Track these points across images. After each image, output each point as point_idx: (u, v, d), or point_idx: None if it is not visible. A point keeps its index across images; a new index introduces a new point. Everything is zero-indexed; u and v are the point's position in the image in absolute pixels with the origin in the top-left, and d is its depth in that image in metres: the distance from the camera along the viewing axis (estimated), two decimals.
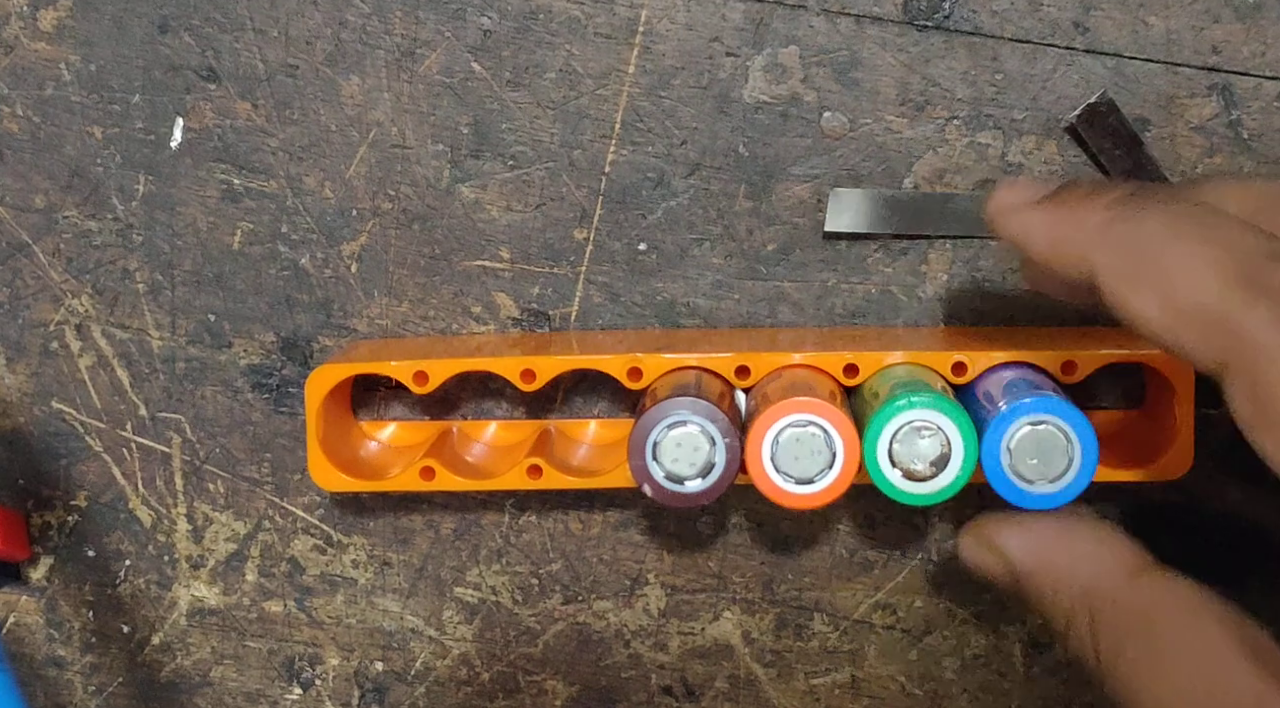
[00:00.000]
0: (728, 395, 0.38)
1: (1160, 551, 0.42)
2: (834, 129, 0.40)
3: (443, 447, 0.41)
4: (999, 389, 0.36)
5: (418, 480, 0.39)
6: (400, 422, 0.43)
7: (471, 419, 0.42)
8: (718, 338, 0.40)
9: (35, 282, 0.43)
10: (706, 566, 0.43)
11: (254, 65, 0.41)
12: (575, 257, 0.41)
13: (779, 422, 0.36)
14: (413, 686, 0.44)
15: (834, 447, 0.36)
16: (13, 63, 0.41)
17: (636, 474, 0.36)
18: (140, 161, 0.42)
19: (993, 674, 0.43)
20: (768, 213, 0.41)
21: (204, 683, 0.44)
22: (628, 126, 0.40)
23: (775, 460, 0.36)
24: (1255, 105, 0.39)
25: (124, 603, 0.44)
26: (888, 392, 0.36)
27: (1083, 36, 0.39)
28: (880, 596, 0.42)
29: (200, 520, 0.44)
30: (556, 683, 0.44)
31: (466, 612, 0.43)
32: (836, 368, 0.38)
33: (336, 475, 0.39)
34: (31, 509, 0.44)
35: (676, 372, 0.38)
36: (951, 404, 0.35)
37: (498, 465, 0.40)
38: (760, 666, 0.43)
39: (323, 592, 0.44)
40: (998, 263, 0.40)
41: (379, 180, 0.41)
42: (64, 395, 0.43)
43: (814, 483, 0.36)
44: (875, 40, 0.40)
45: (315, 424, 0.39)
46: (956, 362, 0.37)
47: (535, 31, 0.40)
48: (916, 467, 0.36)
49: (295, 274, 0.42)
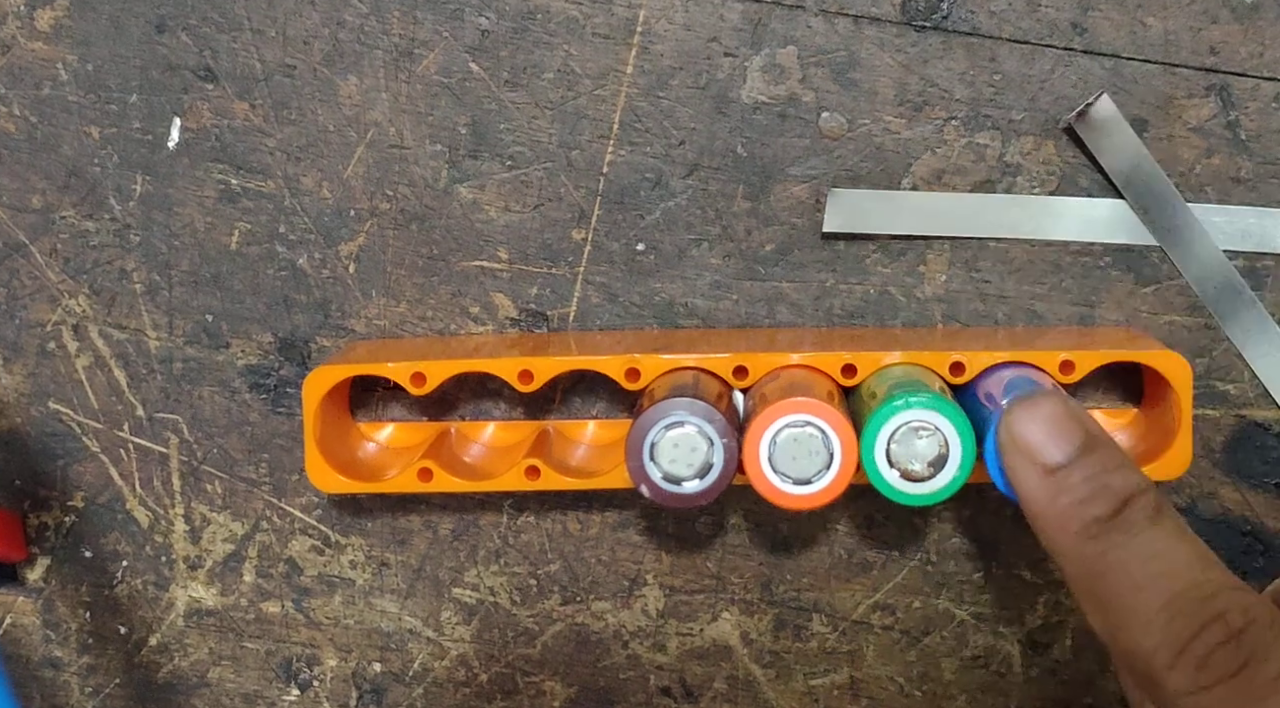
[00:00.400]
0: (726, 396, 0.38)
1: None
2: (832, 129, 0.40)
3: (441, 448, 0.40)
4: (999, 388, 0.36)
5: (415, 482, 0.39)
6: (398, 422, 0.42)
7: (470, 420, 0.42)
8: (716, 338, 0.40)
9: (32, 282, 0.42)
10: (705, 566, 0.43)
11: (251, 65, 0.41)
12: (573, 257, 0.41)
13: (776, 422, 0.36)
14: (411, 687, 0.44)
15: (831, 447, 0.36)
16: (10, 62, 0.41)
17: (634, 475, 0.36)
18: (137, 161, 0.42)
19: (991, 675, 0.43)
20: (766, 213, 0.41)
21: (201, 684, 0.44)
22: (626, 127, 0.40)
23: (773, 461, 0.36)
24: (1253, 106, 0.39)
25: (121, 604, 0.44)
26: (885, 392, 0.36)
27: (1081, 37, 0.39)
28: (879, 596, 0.42)
29: (198, 521, 0.43)
30: (555, 684, 0.44)
31: (465, 613, 0.43)
32: (834, 368, 0.38)
33: (334, 477, 0.39)
34: (28, 510, 0.44)
35: (674, 372, 0.38)
36: (949, 404, 0.35)
37: (496, 466, 0.40)
38: (759, 666, 0.43)
39: (320, 593, 0.44)
40: (995, 264, 0.40)
41: (377, 181, 0.41)
42: (61, 396, 0.43)
43: (811, 484, 0.36)
44: (873, 41, 0.40)
45: (313, 426, 0.39)
46: (955, 362, 0.37)
47: (533, 32, 0.40)
48: (914, 467, 0.36)
49: (293, 274, 0.42)
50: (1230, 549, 0.41)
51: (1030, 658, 0.42)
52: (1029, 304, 0.41)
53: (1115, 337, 0.39)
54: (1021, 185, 0.40)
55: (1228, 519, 0.41)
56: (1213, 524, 0.41)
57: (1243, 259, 0.40)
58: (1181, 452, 0.38)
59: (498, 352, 0.39)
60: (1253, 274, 0.40)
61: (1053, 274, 0.40)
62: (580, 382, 0.42)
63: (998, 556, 0.42)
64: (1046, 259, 0.40)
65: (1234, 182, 0.40)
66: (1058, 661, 0.42)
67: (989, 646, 0.42)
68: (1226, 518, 0.41)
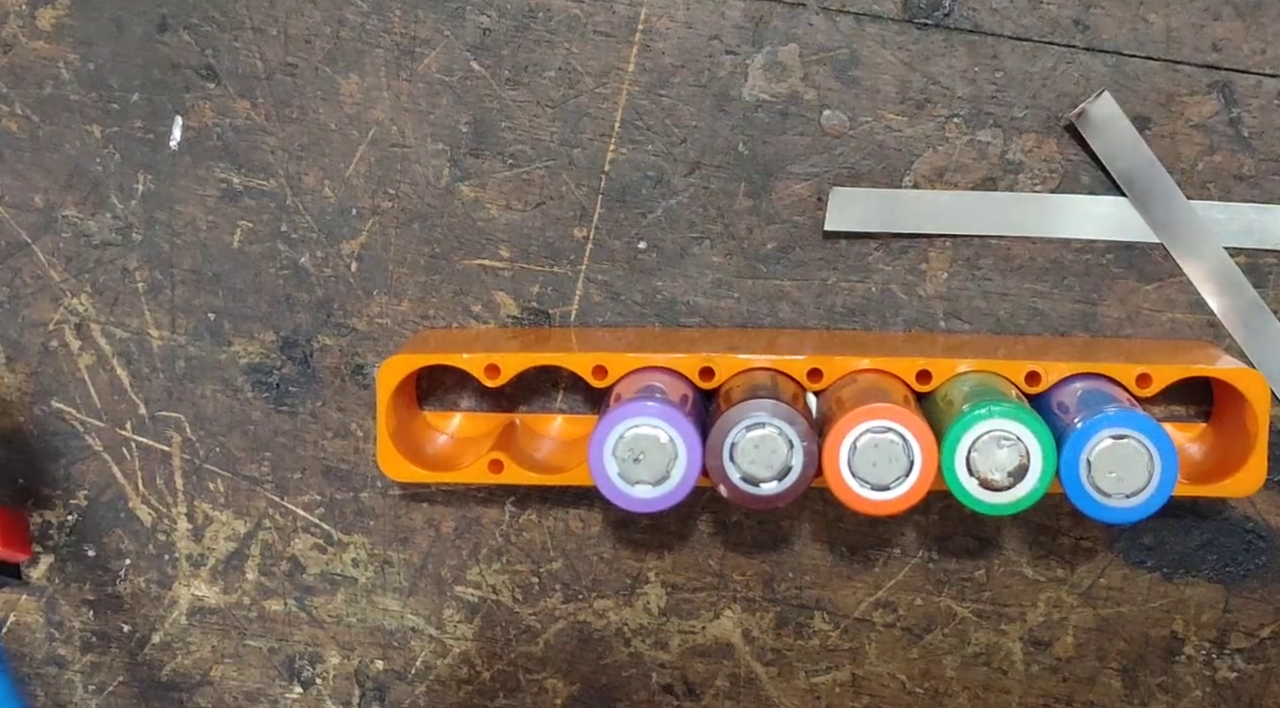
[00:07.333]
0: (800, 398, 0.37)
1: (1162, 550, 0.42)
2: (834, 127, 0.40)
3: (509, 440, 0.40)
4: (1073, 400, 0.36)
5: (486, 473, 0.39)
6: (467, 413, 0.42)
7: (531, 411, 0.42)
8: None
9: (35, 281, 0.42)
10: (707, 564, 0.43)
11: (253, 64, 0.41)
12: (575, 255, 0.41)
13: (858, 427, 0.36)
14: (413, 684, 0.44)
15: (911, 454, 0.36)
16: (11, 62, 0.41)
17: (713, 475, 0.36)
18: (140, 160, 0.42)
19: (993, 672, 0.43)
20: (767, 211, 0.41)
21: (204, 682, 0.44)
22: (627, 125, 0.40)
23: (852, 466, 0.36)
24: (1255, 103, 0.39)
25: (124, 602, 0.44)
26: (964, 399, 0.36)
27: (1082, 34, 0.39)
28: (881, 594, 0.42)
29: (200, 519, 0.43)
30: (557, 682, 0.44)
31: (467, 610, 0.43)
32: (909, 373, 0.38)
33: (406, 466, 0.39)
34: (31, 508, 0.44)
35: (749, 372, 0.38)
36: (1031, 415, 0.35)
37: (565, 460, 0.40)
38: (761, 664, 0.43)
39: (323, 591, 0.44)
40: (997, 261, 0.40)
41: (379, 179, 0.41)
42: (64, 395, 0.43)
43: (890, 490, 0.36)
44: (875, 38, 0.40)
45: (385, 415, 0.39)
46: (1031, 371, 0.37)
47: (534, 30, 0.40)
48: (994, 476, 0.35)
49: (295, 273, 0.42)
50: (1231, 547, 0.41)
51: (1032, 656, 0.42)
52: (1031, 302, 0.41)
53: (1187, 350, 0.39)
54: (1023, 183, 0.40)
55: (1229, 517, 0.41)
56: (1214, 522, 0.41)
57: (1245, 256, 0.40)
58: (1255, 470, 0.37)
59: (565, 345, 0.39)
60: (1255, 271, 0.40)
61: (1055, 272, 0.40)
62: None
63: (999, 553, 0.42)
64: (1048, 257, 0.40)
65: (1236, 178, 0.40)
66: (1059, 658, 0.42)
67: (991, 643, 0.42)
68: (1227, 516, 0.41)
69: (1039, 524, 0.41)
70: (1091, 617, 0.42)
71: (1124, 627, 0.42)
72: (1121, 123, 0.39)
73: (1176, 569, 0.41)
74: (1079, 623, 0.42)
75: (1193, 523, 0.41)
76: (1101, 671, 0.42)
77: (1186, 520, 0.41)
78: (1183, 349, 0.39)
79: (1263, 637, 0.42)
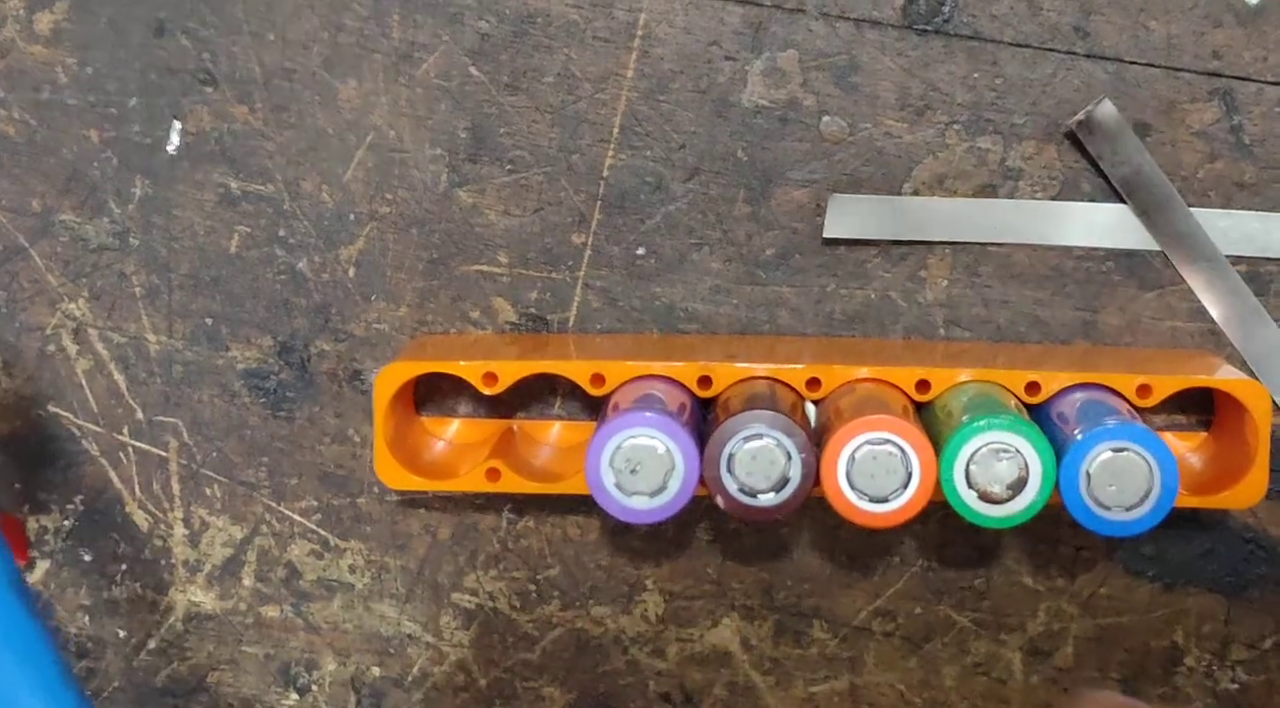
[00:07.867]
0: (799, 407, 0.37)
1: (1162, 560, 0.42)
2: (833, 133, 0.40)
3: (507, 447, 0.40)
4: (1073, 411, 0.36)
5: (483, 481, 0.39)
6: (465, 418, 0.42)
7: (529, 417, 0.42)
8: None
9: (32, 285, 0.42)
10: (705, 572, 0.42)
11: (251, 69, 0.41)
12: (573, 261, 0.41)
13: (856, 438, 0.35)
14: (410, 691, 0.44)
15: (910, 466, 0.35)
16: (9, 66, 0.41)
17: (710, 486, 0.36)
18: (137, 165, 0.42)
19: (992, 682, 0.42)
20: (766, 218, 0.40)
21: (200, 688, 0.44)
22: (626, 131, 0.40)
23: (850, 477, 0.36)
24: (1256, 110, 0.39)
25: (120, 607, 0.44)
26: (963, 410, 0.36)
27: (1083, 41, 0.39)
28: (880, 602, 0.42)
29: (197, 525, 0.43)
30: (554, 690, 0.43)
31: (464, 617, 0.43)
32: (908, 383, 0.37)
33: (403, 474, 0.39)
34: (28, 513, 0.44)
35: (748, 381, 0.38)
36: (1030, 427, 0.35)
37: (563, 468, 0.40)
38: (759, 673, 0.43)
39: (320, 597, 0.43)
40: (997, 269, 0.40)
41: (377, 184, 0.41)
42: (61, 399, 0.43)
43: (888, 502, 0.36)
44: (874, 44, 0.39)
45: (383, 423, 0.39)
46: (1031, 381, 0.37)
47: (533, 35, 0.40)
48: (993, 489, 0.35)
49: (293, 278, 0.42)
50: (1232, 557, 0.41)
51: (1031, 665, 0.42)
52: (1031, 309, 0.40)
53: (1188, 359, 0.39)
54: (1023, 190, 0.40)
55: (1229, 527, 0.41)
56: (1214, 532, 0.41)
57: (1246, 264, 0.40)
58: (1256, 483, 0.37)
59: (563, 352, 0.39)
60: (1256, 279, 0.40)
61: (1055, 279, 0.40)
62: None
63: (999, 562, 0.42)
64: (1049, 264, 0.40)
65: (1237, 186, 0.39)
66: (1059, 668, 0.42)
67: (990, 653, 0.42)
68: (1228, 526, 0.41)
69: (1039, 533, 0.41)
70: (1092, 627, 0.42)
71: (1124, 637, 0.42)
72: (1122, 130, 0.39)
73: (1177, 579, 0.41)
74: (1079, 633, 0.42)
75: (1193, 533, 0.41)
76: (1102, 681, 0.42)
77: (1187, 530, 0.41)
78: (1183, 358, 0.39)
79: (1264, 648, 0.41)
